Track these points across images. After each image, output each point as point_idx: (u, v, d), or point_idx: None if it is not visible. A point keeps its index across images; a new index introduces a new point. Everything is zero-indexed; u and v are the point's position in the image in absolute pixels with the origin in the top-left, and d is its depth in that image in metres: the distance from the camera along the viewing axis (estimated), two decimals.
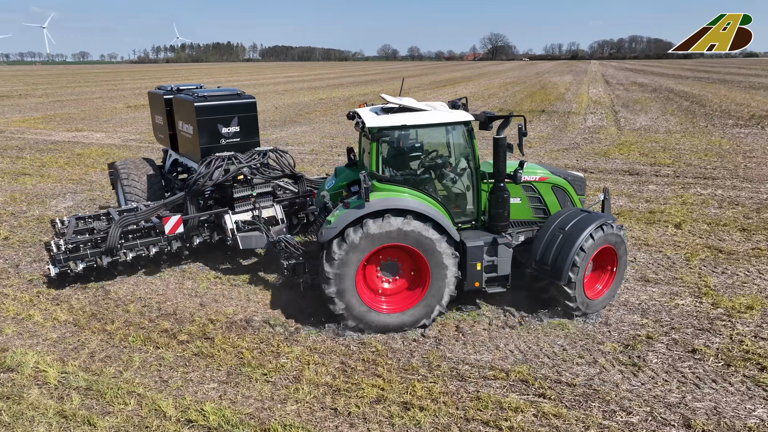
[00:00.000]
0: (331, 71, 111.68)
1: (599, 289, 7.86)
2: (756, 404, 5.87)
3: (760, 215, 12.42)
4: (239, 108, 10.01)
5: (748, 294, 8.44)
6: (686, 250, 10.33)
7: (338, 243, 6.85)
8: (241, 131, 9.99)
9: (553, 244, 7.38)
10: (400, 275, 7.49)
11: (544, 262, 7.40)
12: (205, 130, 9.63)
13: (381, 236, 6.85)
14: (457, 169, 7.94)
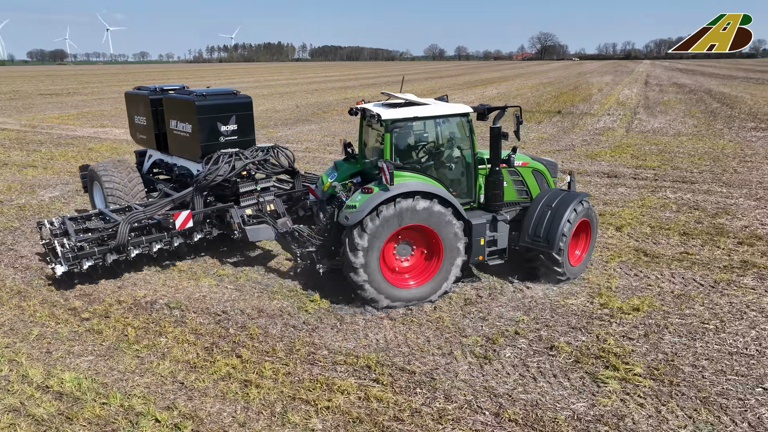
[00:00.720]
0: (371, 71, 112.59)
1: (578, 255, 9.05)
2: (580, 398, 6.02)
3: (714, 220, 12.16)
4: (237, 107, 10.35)
5: (645, 296, 8.43)
6: (612, 252, 10.31)
7: (363, 227, 7.55)
8: (238, 129, 10.31)
9: (543, 219, 8.53)
10: (412, 254, 8.31)
11: (537, 235, 8.52)
12: (206, 129, 9.84)
13: (406, 216, 7.66)
14: (458, 156, 8.85)
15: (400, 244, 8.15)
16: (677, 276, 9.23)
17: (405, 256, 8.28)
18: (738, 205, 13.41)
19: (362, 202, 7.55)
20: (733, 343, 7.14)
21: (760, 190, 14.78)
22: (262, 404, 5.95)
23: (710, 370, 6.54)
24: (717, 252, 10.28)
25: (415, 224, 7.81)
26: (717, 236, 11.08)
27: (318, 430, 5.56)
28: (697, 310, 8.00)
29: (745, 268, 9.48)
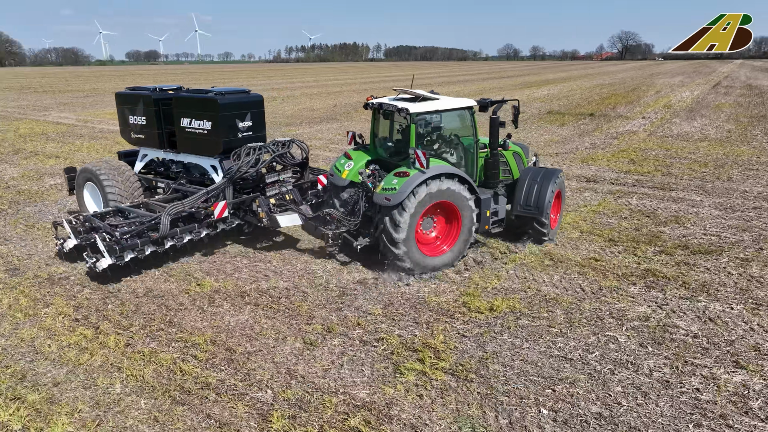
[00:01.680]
0: (435, 71, 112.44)
1: (553, 219, 10.85)
2: (366, 386, 6.32)
3: (656, 228, 11.75)
4: (251, 105, 11.07)
5: (512, 298, 8.48)
6: (520, 254, 10.29)
7: (403, 207, 8.70)
8: (252, 126, 11.04)
9: (532, 191, 10.20)
10: (435, 227, 9.65)
11: (528, 204, 10.22)
12: (226, 126, 10.38)
13: (439, 194, 8.97)
14: (464, 142, 10.21)
15: (425, 219, 9.32)
16: (565, 281, 9.13)
17: (428, 230, 9.58)
18: (698, 213, 12.80)
19: (401, 185, 8.70)
20: (563, 347, 7.12)
21: (738, 199, 13.97)
22: (86, 370, 6.69)
23: (516, 370, 6.62)
24: (629, 260, 10.01)
25: (441, 201, 9.11)
26: (644, 244, 10.74)
27: (115, 393, 6.22)
28: (555, 314, 7.97)
29: (643, 277, 9.23)
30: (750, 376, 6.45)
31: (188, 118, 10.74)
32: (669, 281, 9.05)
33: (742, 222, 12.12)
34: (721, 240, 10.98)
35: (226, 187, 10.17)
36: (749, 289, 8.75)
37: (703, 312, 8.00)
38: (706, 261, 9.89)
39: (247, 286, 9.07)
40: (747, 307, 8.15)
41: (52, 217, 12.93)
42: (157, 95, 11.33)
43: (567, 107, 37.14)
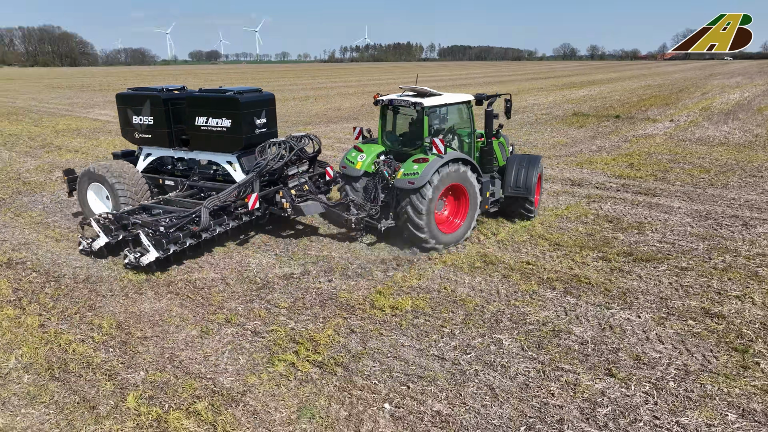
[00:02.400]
0: (481, 71, 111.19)
1: (536, 199, 12.22)
2: (234, 371, 6.64)
3: (613, 233, 11.47)
4: (265, 103, 11.66)
5: (423, 297, 8.57)
6: (456, 257, 10.32)
7: (425, 189, 9.75)
8: (266, 122, 11.45)
9: (520, 174, 11.50)
10: (446, 207, 10.86)
11: (518, 186, 11.53)
12: (246, 123, 10.85)
13: (453, 178, 10.13)
14: (464, 132, 11.42)
15: (439, 200, 10.30)
16: (485, 283, 9.13)
17: (441, 210, 10.73)
18: (667, 220, 12.37)
19: (423, 169, 9.70)
20: (443, 347, 7.19)
21: (720, 207, 13.39)
22: None
23: (384, 366, 6.77)
24: (563, 265, 9.87)
25: (454, 183, 10.23)
26: (588, 250, 10.54)
27: (7, 368, 6.81)
28: (454, 315, 8.02)
29: (566, 283, 9.10)
30: (615, 384, 6.34)
31: (204, 116, 11.08)
32: (591, 288, 8.89)
33: (709, 230, 11.64)
34: (673, 248, 10.62)
35: (254, 180, 10.72)
36: (670, 298, 8.48)
37: (606, 319, 7.85)
38: (644, 269, 9.62)
39: (179, 276, 9.56)
40: (656, 316, 7.93)
41: (40, 206, 13.93)
42: (166, 95, 11.62)
43: (597, 109, 36.11)
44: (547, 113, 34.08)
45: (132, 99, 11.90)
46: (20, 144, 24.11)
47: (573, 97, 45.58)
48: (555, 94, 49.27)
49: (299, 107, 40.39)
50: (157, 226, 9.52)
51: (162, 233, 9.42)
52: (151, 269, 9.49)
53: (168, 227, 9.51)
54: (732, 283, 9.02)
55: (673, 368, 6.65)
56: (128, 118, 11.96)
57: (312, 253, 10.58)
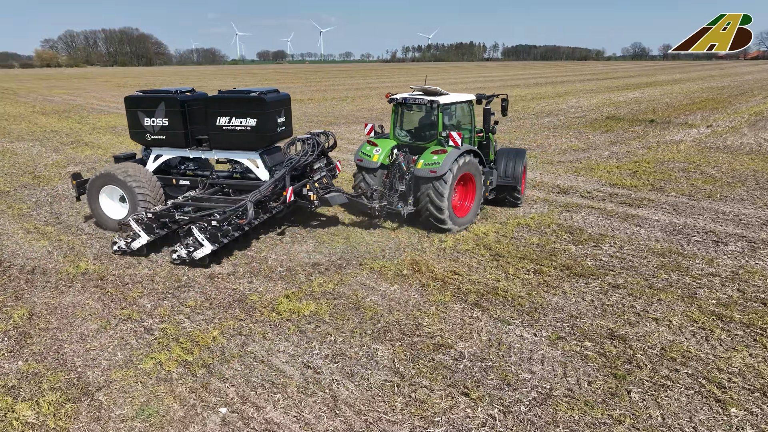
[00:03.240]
0: (537, 71, 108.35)
1: (522, 188, 13.38)
2: (106, 366, 6.89)
3: (564, 246, 10.99)
4: (284, 102, 12.25)
5: (328, 302, 8.55)
6: (387, 263, 10.21)
7: (445, 178, 10.87)
8: (285, 121, 12.01)
9: (509, 166, 12.96)
10: (455, 194, 11.81)
11: (508, 176, 12.97)
12: (270, 121, 11.38)
13: (465, 168, 11.36)
14: (467, 128, 12.52)
15: None
16: (399, 292, 8.97)
17: (453, 197, 11.63)
18: (634, 234, 11.72)
19: (443, 159, 10.84)
20: (317, 354, 7.16)
21: (703, 222, 12.54)
22: None
23: (248, 370, 6.81)
24: (491, 276, 9.55)
25: (465, 173, 11.43)
26: (528, 262, 10.15)
27: None
28: (347, 323, 7.95)
29: (482, 295, 8.81)
30: (463, 404, 6.11)
31: (227, 117, 11.43)
32: (505, 302, 8.57)
33: (673, 246, 10.92)
34: (620, 263, 10.04)
35: (287, 175, 11.45)
36: (581, 317, 8.05)
37: (499, 336, 7.56)
38: (573, 284, 9.16)
39: (115, 271, 9.97)
40: (553, 335, 7.55)
41: (35, 199, 14.88)
42: (183, 97, 11.87)
43: (636, 112, 34.47)
44: (579, 116, 32.86)
45: (144, 101, 12.00)
46: (55, 139, 25.77)
47: (619, 100, 43.71)
48: (602, 96, 47.40)
49: (332, 107, 40.90)
50: (209, 220, 9.96)
51: (215, 227, 9.89)
52: (204, 263, 9.91)
53: (220, 221, 9.96)
54: (659, 303, 8.44)
55: (536, 391, 6.32)
56: (139, 121, 12.05)
57: (250, 254, 10.75)
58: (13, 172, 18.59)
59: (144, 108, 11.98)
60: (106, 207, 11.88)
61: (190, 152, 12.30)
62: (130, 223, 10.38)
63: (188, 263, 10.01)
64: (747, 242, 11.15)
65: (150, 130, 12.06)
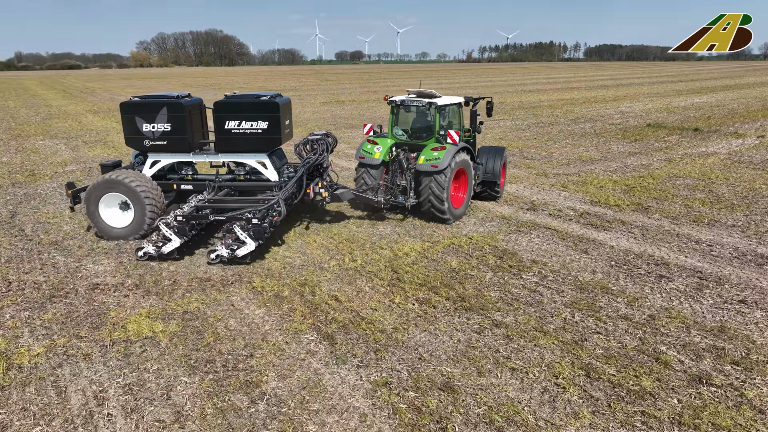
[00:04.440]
0: (613, 72, 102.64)
1: (501, 182, 14.43)
2: None
3: (482, 273, 9.95)
4: (288, 106, 12.55)
5: (179, 323, 8.12)
6: (277, 285, 9.65)
7: (446, 172, 11.82)
8: (289, 123, 12.37)
9: (489, 162, 13.97)
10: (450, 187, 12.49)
11: (488, 172, 13.99)
12: (282, 124, 11.72)
13: (461, 163, 12.30)
14: (456, 127, 13.42)
15: None
16: (269, 312, 8.40)
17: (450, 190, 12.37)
18: (571, 262, 10.46)
19: (443, 155, 11.81)
20: (140, 374, 6.76)
21: (666, 250, 11.01)
22: None
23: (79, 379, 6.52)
24: (369, 304, 8.72)
25: (460, 168, 12.39)
26: (426, 289, 9.24)
27: None
28: (163, 347, 7.50)
29: (341, 324, 8.04)
30: None
31: (237, 120, 11.57)
32: (364, 336, 7.77)
33: (606, 280, 9.60)
34: (529, 297, 8.91)
35: (304, 174, 11.97)
36: (430, 360, 7.12)
37: (323, 376, 6.81)
38: (455, 319, 8.19)
39: (21, 275, 10.05)
40: (380, 380, 6.70)
41: (7, 199, 15.52)
42: (187, 101, 11.87)
43: (686, 119, 31.58)
44: (619, 123, 30.53)
45: (143, 107, 11.80)
46: (80, 138, 27.08)
47: (679, 105, 40.39)
48: (662, 100, 44.00)
49: (368, 109, 40.54)
50: (249, 218, 10.17)
51: (256, 225, 10.13)
52: (245, 260, 10.26)
53: (261, 218, 10.20)
54: (531, 350, 7.33)
55: None
56: (136, 126, 11.82)
57: (165, 265, 10.43)
58: (16, 170, 19.58)
59: (143, 113, 11.77)
60: (106, 215, 11.51)
61: (194, 157, 12.20)
62: (160, 228, 10.34)
63: (228, 261, 10.25)
64: (698, 279, 9.61)
65: (149, 136, 11.88)
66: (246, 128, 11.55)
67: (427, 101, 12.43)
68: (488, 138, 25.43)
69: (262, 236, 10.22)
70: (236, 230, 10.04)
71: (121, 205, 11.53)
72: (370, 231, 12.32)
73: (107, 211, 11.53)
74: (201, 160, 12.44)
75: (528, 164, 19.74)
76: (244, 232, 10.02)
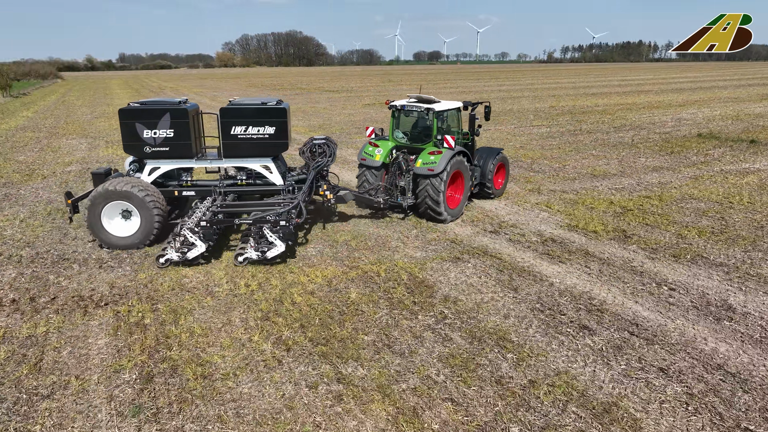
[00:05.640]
0: (698, 74, 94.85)
1: (500, 183, 15.29)
2: None
3: (362, 307, 8.76)
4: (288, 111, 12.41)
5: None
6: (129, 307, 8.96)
7: (441, 175, 12.23)
8: (290, 129, 12.23)
9: (481, 163, 14.40)
10: (448, 189, 12.94)
11: (482, 173, 14.39)
12: (287, 129, 11.80)
13: (456, 166, 12.68)
14: (456, 131, 13.84)
15: None
16: (115, 340, 7.72)
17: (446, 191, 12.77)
18: (482, 302, 9.00)
19: (439, 159, 12.21)
20: None
21: (615, 293, 9.30)
22: None
23: None
24: (220, 337, 7.82)
25: (456, 170, 12.77)
26: (286, 325, 8.20)
27: None
28: None
29: (173, 360, 7.18)
30: None
31: (243, 126, 11.55)
32: (175, 383, 6.87)
33: (512, 328, 8.12)
34: (412, 342, 7.64)
35: (315, 177, 12.36)
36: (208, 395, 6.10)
37: None
38: (305, 366, 7.10)
39: None
40: None
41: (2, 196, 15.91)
42: (190, 106, 11.63)
43: (747, 130, 28.08)
44: (666, 133, 27.62)
45: (143, 113, 11.37)
46: (108, 137, 27.90)
47: (752, 112, 36.39)
48: (737, 106, 39.83)
49: None
50: (277, 221, 10.45)
51: (284, 226, 10.43)
52: (273, 261, 10.48)
53: (287, 221, 10.47)
54: (335, 410, 6.11)
55: None
56: (136, 133, 11.41)
57: (61, 279, 10.08)
58: (19, 169, 20.22)
59: (144, 120, 11.37)
60: (109, 224, 11.18)
61: (196, 162, 11.98)
62: (184, 234, 10.24)
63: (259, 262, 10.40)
64: (628, 334, 7.90)
65: (150, 142, 11.49)
66: (253, 133, 11.63)
67: (426, 107, 12.78)
68: (510, 146, 23.75)
69: (291, 237, 10.64)
70: (266, 232, 10.24)
71: (123, 214, 11.24)
72: (300, 250, 11.38)
73: (110, 221, 11.19)
74: (205, 166, 12.31)
75: (530, 178, 17.98)
76: (273, 234, 10.21)
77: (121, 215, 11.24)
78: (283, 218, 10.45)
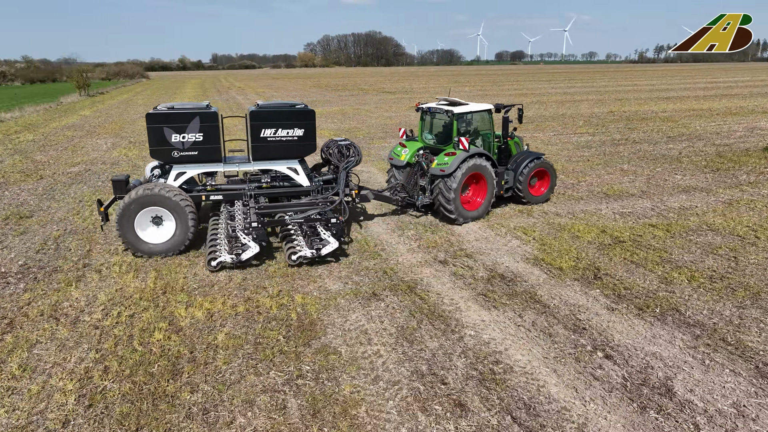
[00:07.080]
0: (746, 78, 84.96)
1: (542, 191, 14.89)
2: None
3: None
4: None
5: None
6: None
7: (454, 176, 12.45)
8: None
9: (515, 167, 14.25)
10: (469, 191, 13.47)
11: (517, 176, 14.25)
12: (314, 131, 12.03)
13: (474, 168, 12.79)
14: (485, 133, 13.96)
15: (464, 185, 13.01)
16: None
17: (466, 193, 13.37)
18: (366, 355, 7.49)
19: (451, 161, 12.43)
20: None
21: (533, 352, 7.49)
22: None
23: None
24: None
25: (474, 172, 12.86)
26: None
27: None
28: None
29: None
30: None
31: (273, 128, 11.71)
32: None
33: (367, 398, 6.59)
34: (213, 416, 6.34)
35: (347, 177, 12.76)
36: None
37: None
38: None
39: None
40: None
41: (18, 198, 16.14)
42: (215, 110, 11.57)
43: None
44: (727, 145, 24.24)
45: (172, 117, 11.17)
46: (134, 137, 28.35)
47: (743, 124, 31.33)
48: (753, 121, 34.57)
49: None
50: (328, 218, 11.08)
51: (336, 224, 10.99)
52: (326, 259, 10.70)
53: (338, 218, 11.02)
54: None
55: None
56: (164, 137, 11.19)
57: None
58: (29, 168, 20.69)
59: (172, 124, 11.15)
60: (146, 231, 10.99)
61: (224, 166, 11.99)
62: (239, 236, 10.48)
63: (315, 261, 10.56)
64: (509, 421, 6.12)
65: (178, 147, 11.30)
66: (282, 136, 11.79)
67: (446, 109, 13.01)
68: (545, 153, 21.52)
69: (343, 235, 11.23)
70: (320, 231, 10.70)
71: (155, 220, 11.03)
72: (216, 274, 10.30)
73: (143, 228, 10.96)
74: (235, 170, 12.52)
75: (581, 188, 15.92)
76: (327, 232, 10.58)
77: (151, 221, 11.02)
78: (335, 216, 10.97)
